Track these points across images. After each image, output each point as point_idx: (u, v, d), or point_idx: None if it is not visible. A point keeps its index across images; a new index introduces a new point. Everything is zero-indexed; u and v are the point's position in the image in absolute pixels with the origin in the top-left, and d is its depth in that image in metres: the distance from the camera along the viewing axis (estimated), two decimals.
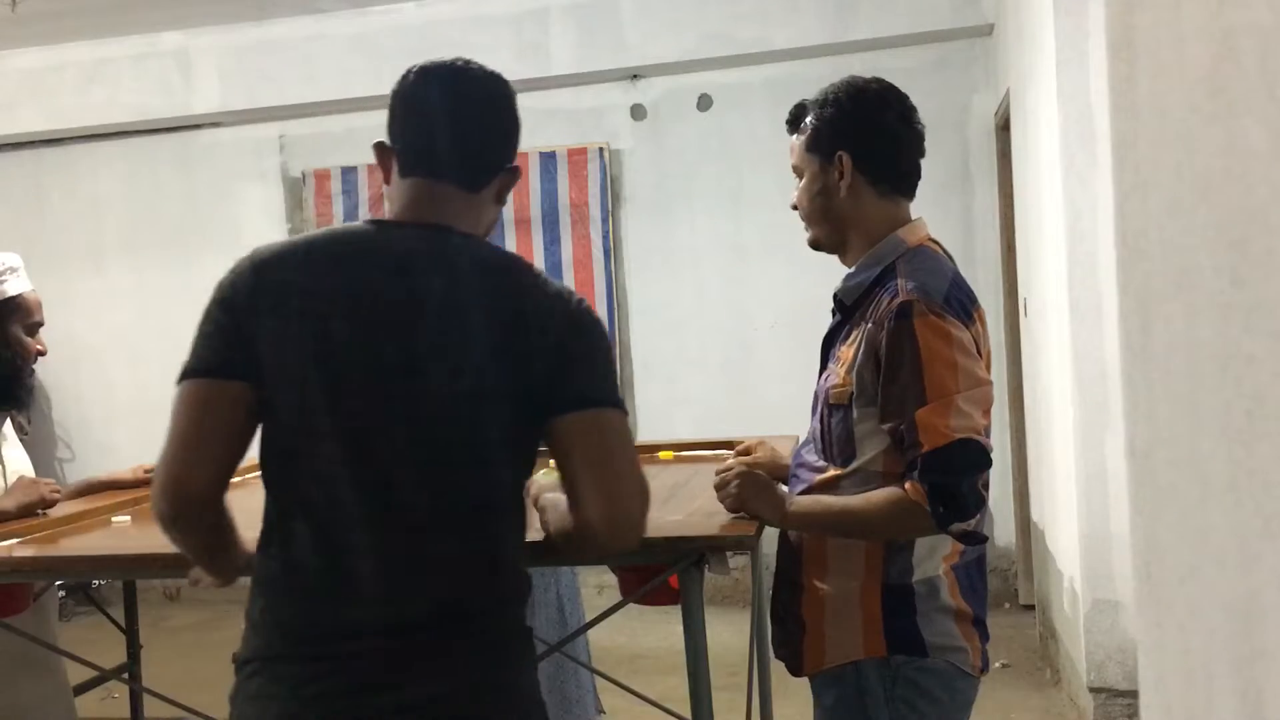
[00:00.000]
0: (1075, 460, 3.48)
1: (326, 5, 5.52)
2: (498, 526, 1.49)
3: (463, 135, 1.53)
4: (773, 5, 5.21)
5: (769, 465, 2.08)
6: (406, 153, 1.53)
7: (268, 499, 1.48)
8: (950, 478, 1.62)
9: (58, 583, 2.62)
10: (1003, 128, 4.88)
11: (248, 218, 6.00)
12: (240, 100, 5.83)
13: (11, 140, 6.15)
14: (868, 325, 1.72)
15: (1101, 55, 1.86)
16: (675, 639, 2.09)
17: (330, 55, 5.65)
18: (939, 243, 1.83)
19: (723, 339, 5.54)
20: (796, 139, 1.85)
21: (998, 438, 2.43)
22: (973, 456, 1.64)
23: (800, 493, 1.82)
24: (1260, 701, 0.64)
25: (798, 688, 1.91)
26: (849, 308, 1.81)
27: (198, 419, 1.41)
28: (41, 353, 2.44)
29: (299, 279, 1.43)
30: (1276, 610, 0.61)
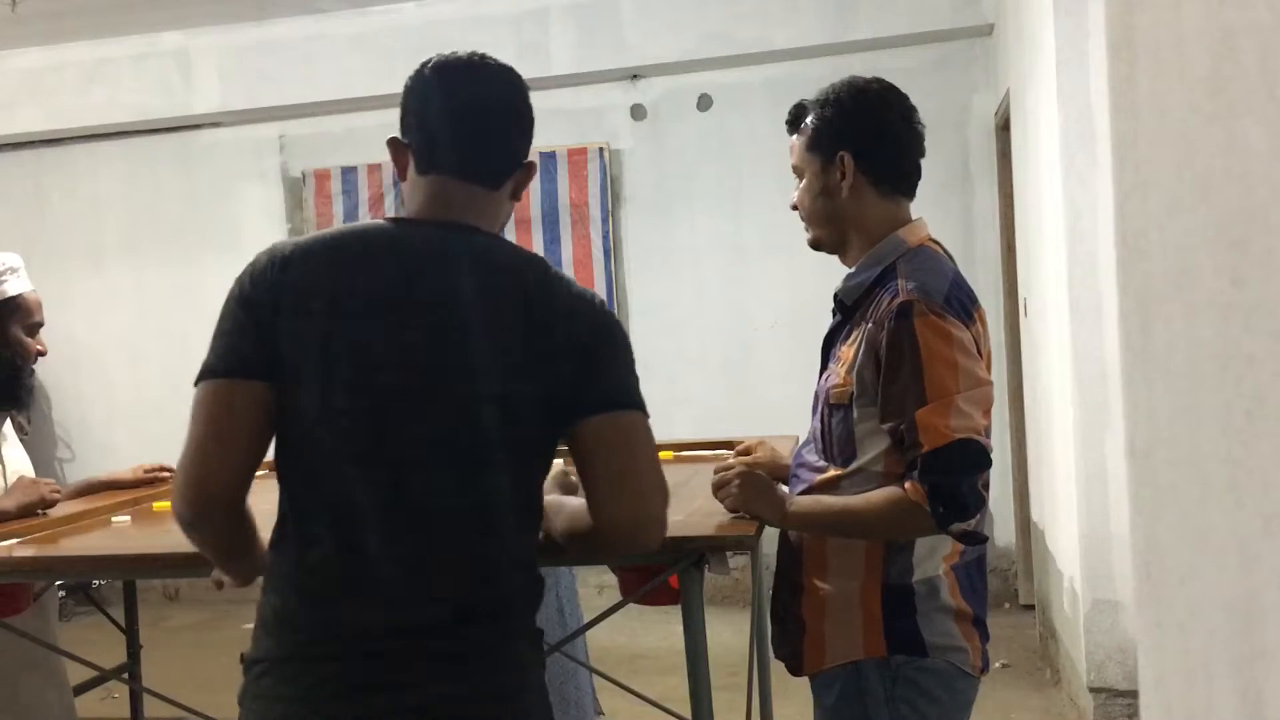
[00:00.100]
0: (1075, 460, 3.48)
1: (326, 5, 5.52)
2: (515, 528, 1.48)
3: (482, 132, 1.51)
4: (773, 5, 5.21)
5: (769, 465, 2.08)
6: (424, 149, 1.50)
7: (283, 498, 1.46)
8: (950, 478, 1.62)
9: (58, 583, 2.62)
10: (1003, 128, 4.88)
11: (248, 218, 6.00)
12: (240, 100, 5.83)
13: (11, 140, 6.15)
14: (868, 325, 1.72)
15: (1101, 55, 1.86)
16: (675, 639, 2.09)
17: (330, 55, 5.65)
18: (939, 243, 1.83)
19: (723, 339, 5.54)
20: (797, 139, 1.84)
21: (998, 438, 2.43)
22: (973, 457, 1.64)
23: (800, 493, 1.81)
24: (1260, 701, 0.64)
25: (798, 688, 1.91)
26: (849, 308, 1.81)
27: (219, 420, 1.39)
28: (41, 353, 2.44)
29: (322, 277, 1.41)
30: (1276, 610, 0.61)
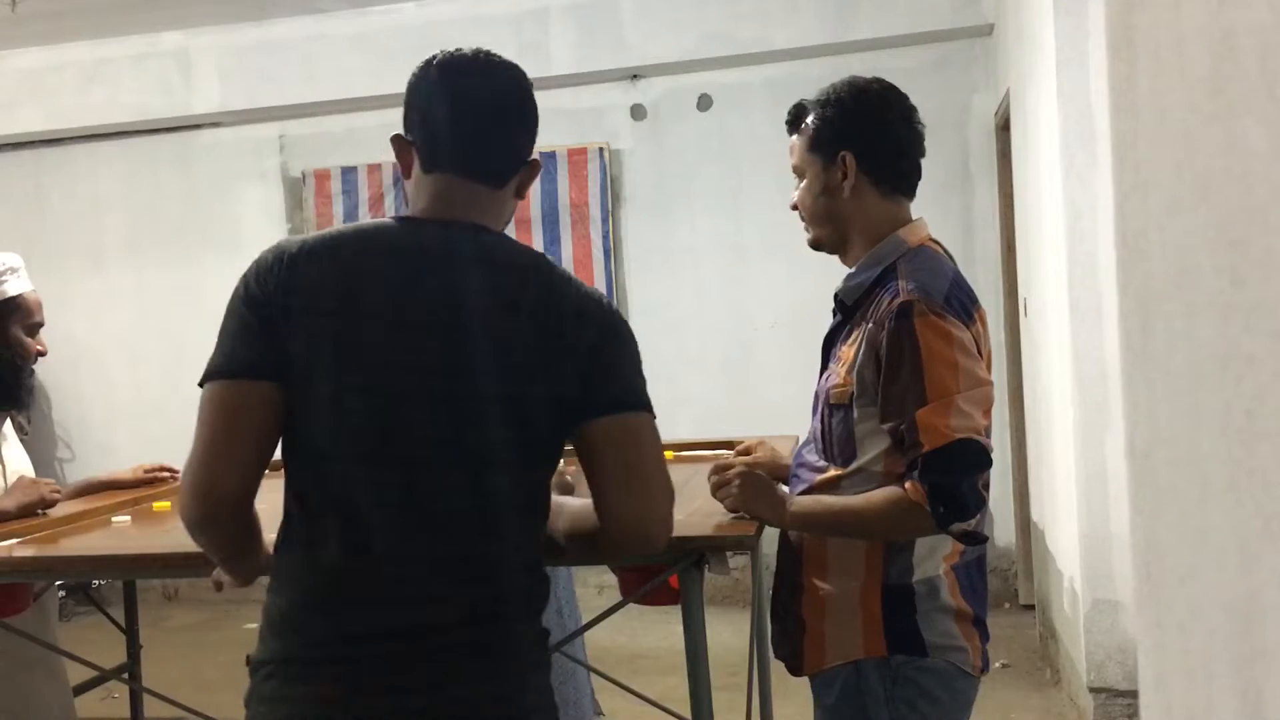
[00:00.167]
0: (1075, 460, 3.48)
1: (326, 5, 5.52)
2: (523, 529, 1.47)
3: (489, 130, 1.50)
4: (773, 5, 5.21)
5: (769, 465, 2.08)
6: (430, 147, 1.49)
7: (289, 497, 1.45)
8: (950, 478, 1.62)
9: (58, 583, 2.62)
10: (1003, 128, 4.88)
11: (248, 218, 6.00)
12: (240, 100, 5.83)
13: (11, 140, 6.15)
14: (868, 325, 1.72)
15: (1101, 55, 1.86)
16: (675, 639, 2.09)
17: (330, 55, 5.65)
18: (940, 243, 1.83)
19: (723, 339, 5.54)
20: (797, 139, 1.84)
21: (998, 438, 2.43)
22: (973, 457, 1.64)
23: (801, 493, 1.81)
24: (1260, 701, 0.64)
25: (798, 688, 1.91)
26: (850, 308, 1.81)
27: (227, 421, 1.38)
28: (42, 353, 2.44)
29: (330, 277, 1.40)
30: (1276, 610, 0.61)
